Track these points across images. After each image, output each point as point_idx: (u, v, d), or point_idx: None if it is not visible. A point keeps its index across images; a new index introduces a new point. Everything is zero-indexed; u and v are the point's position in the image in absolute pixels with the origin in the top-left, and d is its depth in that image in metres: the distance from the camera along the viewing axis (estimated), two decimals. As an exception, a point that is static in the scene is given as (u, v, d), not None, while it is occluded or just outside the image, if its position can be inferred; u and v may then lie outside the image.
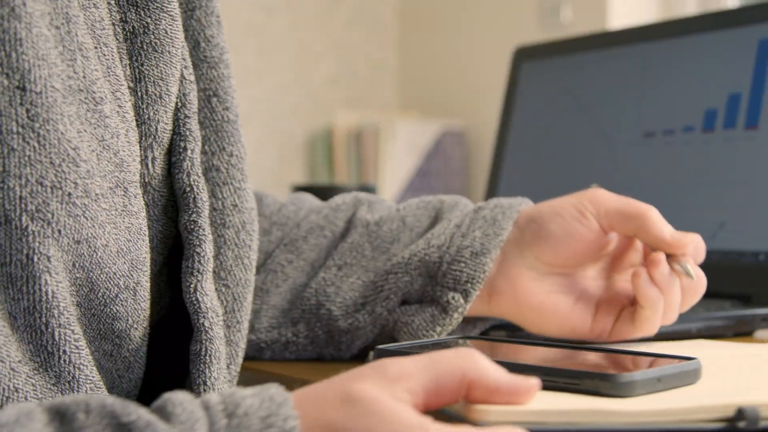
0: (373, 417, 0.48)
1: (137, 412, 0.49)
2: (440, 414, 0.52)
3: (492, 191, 1.31)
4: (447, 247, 0.77)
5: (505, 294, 0.77)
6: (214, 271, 0.70)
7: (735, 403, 0.53)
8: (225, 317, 0.70)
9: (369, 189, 1.45)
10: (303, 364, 0.82)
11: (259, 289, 0.83)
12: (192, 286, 0.67)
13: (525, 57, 1.32)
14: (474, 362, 0.51)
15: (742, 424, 0.52)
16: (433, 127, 2.62)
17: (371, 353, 0.65)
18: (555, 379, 0.56)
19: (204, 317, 0.67)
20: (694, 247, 0.76)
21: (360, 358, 0.82)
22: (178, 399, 0.50)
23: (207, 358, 0.66)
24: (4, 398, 0.55)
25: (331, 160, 2.73)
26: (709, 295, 0.99)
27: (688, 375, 0.59)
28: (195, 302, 0.67)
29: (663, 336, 0.83)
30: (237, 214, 0.71)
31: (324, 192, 1.43)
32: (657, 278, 0.74)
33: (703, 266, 0.78)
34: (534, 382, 0.52)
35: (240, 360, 0.73)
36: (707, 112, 1.08)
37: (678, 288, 0.75)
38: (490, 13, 2.62)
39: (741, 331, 0.91)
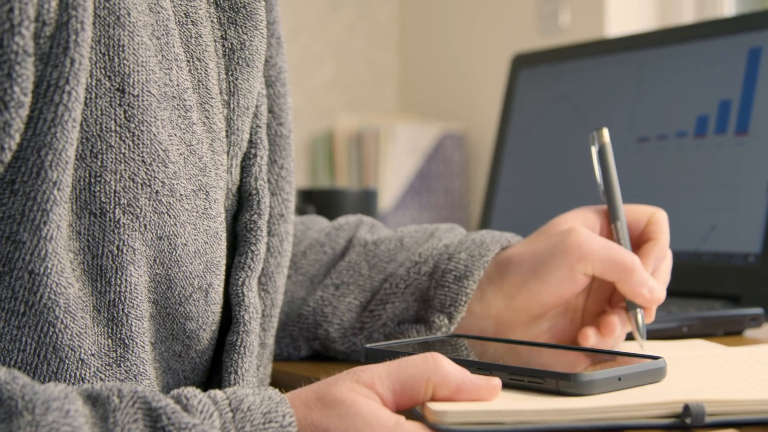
0: (355, 417, 0.54)
1: (165, 399, 0.53)
2: (410, 414, 0.56)
3: (491, 193, 1.33)
4: (433, 272, 0.80)
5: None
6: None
7: (683, 400, 0.56)
8: (262, 320, 0.74)
9: (370, 192, 1.47)
10: (305, 363, 0.85)
11: None
12: (241, 280, 0.71)
13: (523, 63, 1.35)
14: (437, 366, 0.56)
15: (688, 420, 0.55)
16: (433, 129, 2.63)
17: (363, 350, 0.68)
18: (520, 378, 0.59)
19: (246, 311, 0.70)
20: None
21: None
22: (191, 392, 0.55)
23: (242, 349, 0.70)
24: (69, 385, 0.58)
25: (332, 163, 2.75)
26: (700, 295, 1.03)
27: (651, 374, 0.61)
28: (240, 295, 0.70)
29: (655, 335, 0.86)
30: (283, 224, 0.75)
31: (325, 195, 1.46)
32: (607, 339, 0.75)
33: (696, 268, 0.80)
34: (496, 382, 0.57)
35: (268, 364, 0.77)
36: (699, 118, 1.11)
37: (626, 331, 0.77)
38: (489, 17, 2.64)
39: (731, 331, 0.94)
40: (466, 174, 2.68)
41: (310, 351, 0.85)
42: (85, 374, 0.60)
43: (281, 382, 0.74)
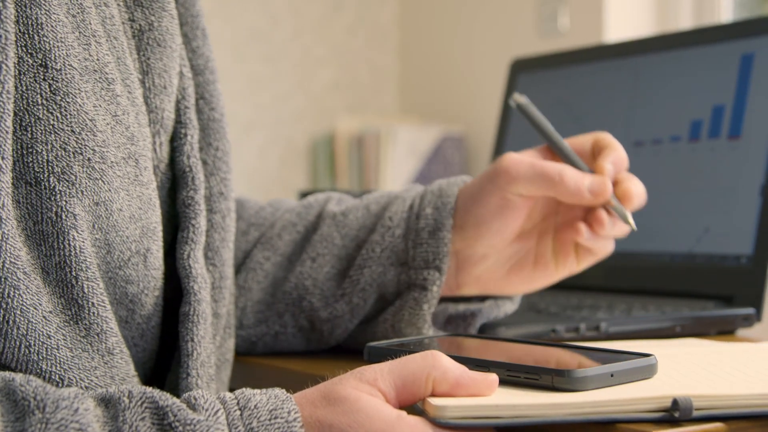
0: (358, 413, 0.57)
1: (172, 398, 0.57)
2: (412, 410, 0.59)
3: (490, 197, 1.36)
4: (406, 233, 0.83)
5: (471, 284, 0.84)
6: (203, 251, 0.77)
7: (672, 395, 0.58)
8: (212, 292, 0.77)
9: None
10: (307, 361, 0.87)
11: (242, 287, 0.89)
12: (186, 253, 0.74)
13: (521, 68, 1.38)
14: (437, 363, 0.59)
15: (676, 414, 0.57)
16: (433, 132, 2.65)
17: (366, 349, 0.71)
18: (517, 374, 0.62)
19: (194, 281, 0.74)
20: (623, 184, 0.81)
21: (342, 347, 0.88)
22: (200, 393, 0.58)
23: (195, 317, 0.73)
24: (40, 343, 0.62)
25: (333, 165, 2.77)
26: (693, 295, 1.05)
27: (642, 370, 0.63)
28: (187, 267, 0.74)
29: (649, 334, 0.88)
30: (223, 201, 0.79)
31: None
32: (600, 234, 0.80)
33: (689, 269, 0.82)
34: (493, 377, 0.59)
35: (228, 339, 0.80)
36: (693, 123, 1.13)
37: (620, 226, 0.81)
38: (489, 19, 2.66)
39: (724, 330, 0.96)
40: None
41: (296, 328, 0.87)
42: (50, 330, 0.62)
43: (288, 382, 0.77)
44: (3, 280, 0.60)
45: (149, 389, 0.57)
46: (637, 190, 0.80)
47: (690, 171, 1.11)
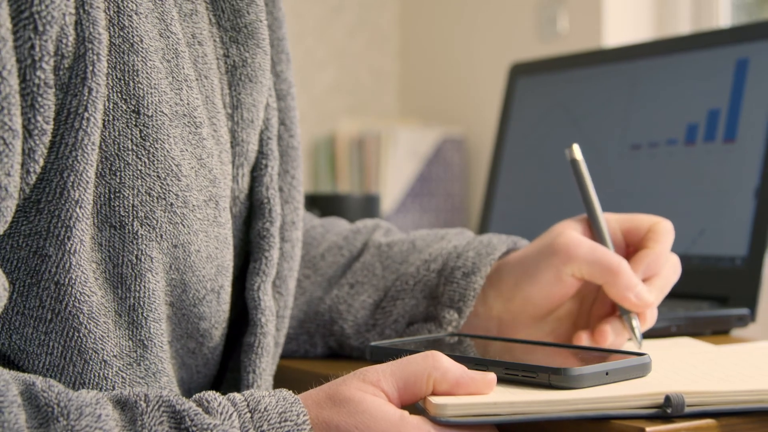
0: (363, 414, 0.59)
1: (188, 403, 0.58)
2: (413, 408, 0.61)
3: (490, 197, 1.37)
4: (442, 269, 0.83)
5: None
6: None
7: (664, 391, 0.59)
8: (276, 322, 0.78)
9: (373, 197, 1.50)
10: (308, 360, 0.88)
11: None
12: (256, 285, 0.75)
13: (521, 72, 1.39)
14: (437, 363, 0.61)
15: (669, 410, 0.59)
16: (433, 134, 2.67)
17: (368, 348, 0.72)
18: (515, 373, 0.64)
19: (262, 314, 0.75)
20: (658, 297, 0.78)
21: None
22: (211, 396, 0.60)
23: (259, 350, 0.74)
24: (94, 383, 0.64)
25: (334, 167, 2.78)
26: (689, 296, 1.06)
27: (636, 369, 0.65)
28: (256, 299, 0.75)
29: (645, 334, 0.89)
30: (294, 231, 0.79)
31: (329, 200, 1.49)
32: (600, 344, 0.77)
33: (685, 270, 0.83)
34: (491, 376, 0.61)
35: (278, 360, 0.81)
36: (689, 126, 1.14)
37: (623, 338, 0.79)
38: (489, 22, 2.67)
39: (718, 330, 0.97)
40: (465, 177, 2.71)
41: (326, 348, 0.88)
42: (108, 374, 0.64)
43: (294, 381, 0.78)
44: (64, 320, 0.62)
45: (164, 392, 0.59)
46: (653, 316, 0.78)
47: (686, 174, 1.13)
